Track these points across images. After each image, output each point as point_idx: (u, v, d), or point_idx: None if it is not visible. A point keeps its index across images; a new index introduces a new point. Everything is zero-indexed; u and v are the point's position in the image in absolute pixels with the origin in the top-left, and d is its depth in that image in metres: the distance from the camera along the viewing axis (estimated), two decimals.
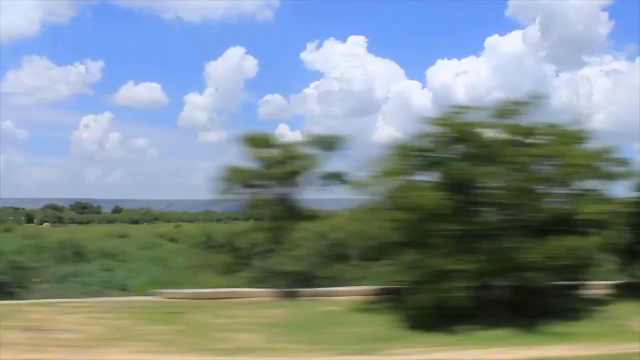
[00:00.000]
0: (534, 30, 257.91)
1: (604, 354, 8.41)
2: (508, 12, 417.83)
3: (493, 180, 10.74)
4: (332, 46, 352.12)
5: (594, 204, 10.59)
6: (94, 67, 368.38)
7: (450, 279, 9.75)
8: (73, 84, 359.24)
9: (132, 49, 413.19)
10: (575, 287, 11.80)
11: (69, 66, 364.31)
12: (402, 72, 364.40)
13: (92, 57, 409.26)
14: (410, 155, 11.01)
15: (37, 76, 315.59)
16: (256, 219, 18.04)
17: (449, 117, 11.11)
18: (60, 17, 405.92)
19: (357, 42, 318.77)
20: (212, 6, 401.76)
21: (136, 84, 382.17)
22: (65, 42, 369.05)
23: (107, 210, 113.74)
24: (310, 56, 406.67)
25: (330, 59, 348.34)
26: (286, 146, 15.77)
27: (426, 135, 11.12)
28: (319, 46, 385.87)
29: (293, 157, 15.41)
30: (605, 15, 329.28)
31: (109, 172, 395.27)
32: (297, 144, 16.17)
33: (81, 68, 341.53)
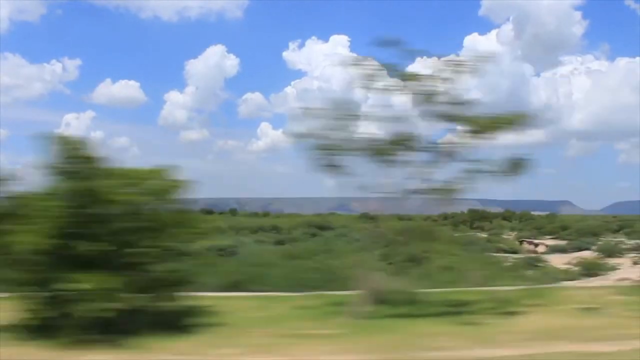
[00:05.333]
0: (507, 29, 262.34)
1: None
2: (481, 12, 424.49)
3: None
4: (314, 45, 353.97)
5: None
6: (71, 65, 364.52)
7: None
8: (48, 82, 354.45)
9: (110, 47, 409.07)
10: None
11: (44, 64, 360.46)
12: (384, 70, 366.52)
13: (68, 55, 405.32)
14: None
15: (11, 74, 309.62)
16: None
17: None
18: (30, 15, 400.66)
19: (339, 42, 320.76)
20: (190, 5, 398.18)
21: (114, 82, 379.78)
22: (39, 40, 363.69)
23: None
24: (293, 55, 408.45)
25: (312, 58, 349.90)
26: None
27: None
28: (302, 45, 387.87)
29: None
30: (578, 15, 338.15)
31: None
32: None
33: (57, 66, 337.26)
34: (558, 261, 40.50)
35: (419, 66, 11.78)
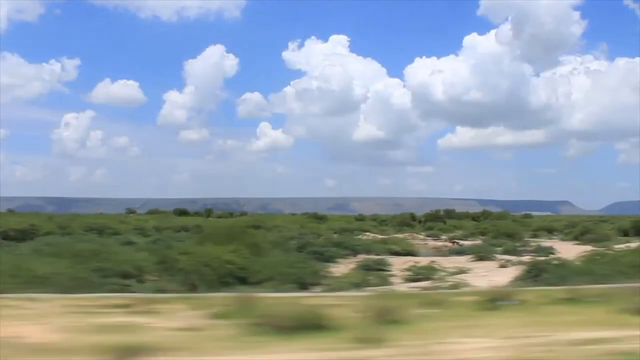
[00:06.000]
0: (506, 29, 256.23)
1: None
2: (480, 12, 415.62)
3: None
4: (313, 45, 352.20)
5: None
6: (70, 65, 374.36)
7: None
8: (47, 81, 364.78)
9: (109, 47, 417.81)
10: None
11: (43, 64, 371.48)
12: (383, 70, 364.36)
13: (67, 54, 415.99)
14: None
15: (10, 74, 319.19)
16: None
17: None
18: (29, 15, 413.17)
19: (339, 42, 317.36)
20: (189, 5, 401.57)
21: (113, 81, 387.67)
22: (38, 40, 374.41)
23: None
24: (292, 55, 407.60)
25: (312, 58, 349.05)
26: None
27: None
28: (301, 45, 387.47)
29: None
30: (577, 15, 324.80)
31: (91, 170, 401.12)
32: None
33: (56, 66, 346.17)
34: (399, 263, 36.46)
35: None
